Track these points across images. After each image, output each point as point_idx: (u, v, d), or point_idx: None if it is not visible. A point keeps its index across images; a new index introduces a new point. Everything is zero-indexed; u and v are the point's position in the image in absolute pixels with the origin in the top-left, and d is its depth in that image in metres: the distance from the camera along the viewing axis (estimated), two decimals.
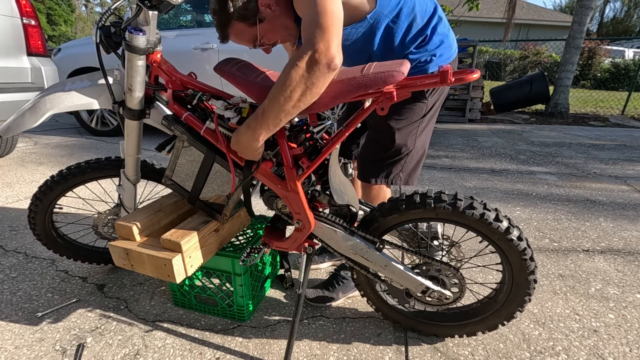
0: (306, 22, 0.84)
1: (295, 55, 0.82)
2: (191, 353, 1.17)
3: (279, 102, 0.84)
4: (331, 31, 0.80)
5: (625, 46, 15.63)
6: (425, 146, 1.26)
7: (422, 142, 1.23)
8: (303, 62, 0.80)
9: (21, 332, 1.24)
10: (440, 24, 1.08)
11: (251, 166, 1.00)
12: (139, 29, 0.94)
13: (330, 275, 1.48)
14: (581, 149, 4.12)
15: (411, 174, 1.25)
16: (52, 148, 3.64)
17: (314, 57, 0.79)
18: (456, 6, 5.81)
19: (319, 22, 0.80)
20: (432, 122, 1.23)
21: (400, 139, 1.17)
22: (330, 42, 0.79)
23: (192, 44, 3.53)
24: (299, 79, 0.81)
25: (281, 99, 0.84)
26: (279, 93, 0.83)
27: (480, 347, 1.20)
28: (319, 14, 0.80)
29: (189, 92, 1.08)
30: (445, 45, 1.10)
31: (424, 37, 1.06)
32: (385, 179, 1.22)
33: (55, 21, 29.72)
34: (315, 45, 0.79)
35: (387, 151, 1.20)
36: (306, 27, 0.83)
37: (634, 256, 1.80)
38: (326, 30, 0.80)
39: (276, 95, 0.84)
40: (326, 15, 0.80)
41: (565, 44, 6.35)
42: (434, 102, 1.18)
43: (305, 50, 0.80)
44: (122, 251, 1.08)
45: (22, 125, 1.14)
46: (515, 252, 1.01)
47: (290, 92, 0.82)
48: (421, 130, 1.20)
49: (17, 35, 2.51)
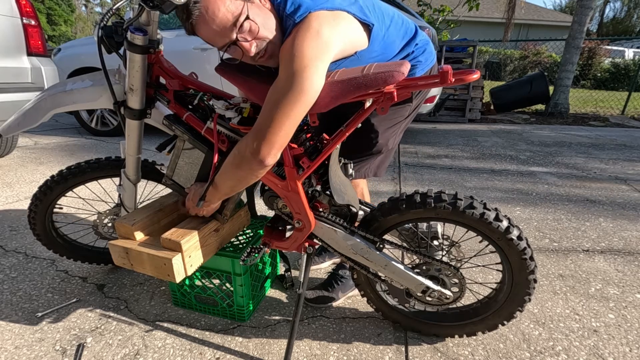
0: (265, 109, 0.84)
1: (242, 140, 0.89)
2: (191, 353, 1.17)
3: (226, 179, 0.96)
4: (277, 142, 0.84)
5: (625, 46, 15.62)
6: (397, 143, 1.30)
7: (397, 140, 1.27)
8: (243, 152, 0.88)
9: (21, 332, 1.24)
10: (422, 39, 1.09)
11: None
12: (140, 29, 0.94)
13: (329, 275, 1.48)
14: (581, 149, 4.12)
15: (380, 166, 1.29)
16: (52, 148, 3.64)
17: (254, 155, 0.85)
18: (456, 6, 5.81)
19: (272, 124, 0.82)
20: (409, 122, 1.28)
21: (382, 139, 1.19)
22: (272, 151, 0.84)
23: (193, 44, 3.53)
24: (237, 164, 0.90)
25: (228, 177, 0.95)
26: (226, 172, 0.95)
27: (480, 347, 1.20)
28: (277, 117, 0.81)
29: (190, 92, 1.08)
30: (427, 53, 1.11)
31: (408, 53, 1.06)
32: (358, 173, 1.25)
33: (55, 21, 29.72)
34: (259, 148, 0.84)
35: (367, 150, 1.21)
36: (260, 117, 0.84)
37: (634, 256, 1.80)
38: (272, 139, 0.83)
39: (222, 173, 0.96)
40: (282, 121, 0.82)
41: (565, 44, 6.35)
42: (417, 103, 1.21)
43: (249, 143, 0.85)
44: (121, 250, 1.08)
45: (23, 125, 1.14)
46: (515, 251, 1.01)
47: (233, 172, 0.93)
48: (401, 130, 1.24)
49: (17, 35, 2.50)
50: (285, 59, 0.82)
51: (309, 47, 0.80)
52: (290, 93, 0.79)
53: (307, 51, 0.79)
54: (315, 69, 0.80)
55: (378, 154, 1.23)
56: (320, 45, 0.81)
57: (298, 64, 0.79)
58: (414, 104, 1.19)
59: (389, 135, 1.20)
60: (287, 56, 0.81)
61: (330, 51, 0.83)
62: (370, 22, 0.92)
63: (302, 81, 0.79)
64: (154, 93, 1.10)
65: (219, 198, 1.05)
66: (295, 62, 0.79)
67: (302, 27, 0.82)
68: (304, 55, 0.79)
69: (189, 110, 1.06)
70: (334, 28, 0.84)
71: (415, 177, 3.00)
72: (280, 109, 0.80)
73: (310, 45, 0.80)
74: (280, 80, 0.82)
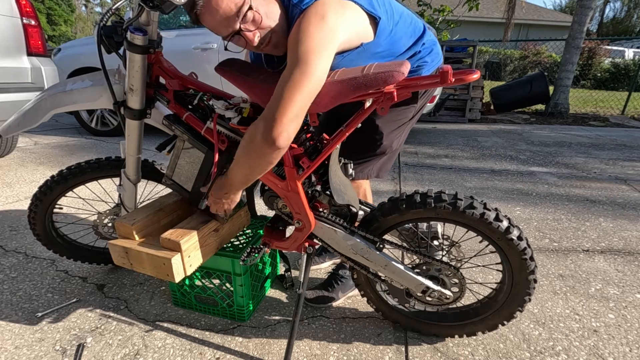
0: (277, 92, 0.81)
1: (253, 124, 0.85)
2: (191, 353, 1.17)
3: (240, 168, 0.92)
4: (288, 124, 0.80)
5: (625, 46, 15.62)
6: (402, 144, 1.30)
7: (401, 142, 1.27)
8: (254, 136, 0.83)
9: (21, 332, 1.24)
10: (429, 39, 1.10)
11: None
12: (140, 29, 0.94)
13: (329, 275, 1.48)
14: (581, 149, 4.12)
15: (382, 168, 1.29)
16: (52, 148, 3.64)
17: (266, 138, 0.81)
18: (456, 6, 5.81)
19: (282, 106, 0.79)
20: (414, 123, 1.27)
21: (387, 140, 1.19)
22: (284, 133, 0.80)
23: (193, 44, 3.53)
24: (250, 150, 0.86)
25: (242, 165, 0.91)
26: (239, 160, 0.91)
27: (480, 347, 1.20)
28: (287, 99, 0.79)
29: (190, 92, 1.08)
30: (434, 53, 1.12)
31: (415, 52, 1.06)
32: (361, 174, 1.25)
33: (55, 21, 29.71)
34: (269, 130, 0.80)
35: (371, 151, 1.21)
36: (272, 99, 0.81)
37: (634, 256, 1.80)
38: (283, 120, 0.79)
39: (237, 162, 0.92)
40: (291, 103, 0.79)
41: (565, 44, 6.35)
42: (422, 104, 1.20)
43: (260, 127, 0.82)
44: (121, 250, 1.08)
45: (23, 125, 1.14)
46: (515, 251, 1.01)
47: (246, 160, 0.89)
48: (406, 131, 1.24)
49: (17, 35, 2.50)
50: (292, 45, 0.82)
51: (315, 31, 0.80)
52: (297, 75, 0.79)
53: (313, 36, 0.80)
54: (321, 54, 0.80)
55: (382, 155, 1.23)
56: (326, 30, 0.81)
57: (304, 49, 0.79)
58: (419, 105, 1.19)
59: (394, 137, 1.21)
60: (293, 42, 0.81)
61: (335, 38, 0.83)
62: (377, 15, 0.93)
63: (308, 64, 0.79)
64: (153, 93, 1.10)
65: (237, 189, 1.01)
66: (301, 46, 0.79)
67: (308, 12, 0.83)
68: (310, 40, 0.79)
69: (188, 110, 1.06)
70: (341, 16, 0.84)
71: (415, 177, 3.00)
72: (288, 91, 0.79)
73: (316, 30, 0.80)
74: (288, 67, 0.82)
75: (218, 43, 3.48)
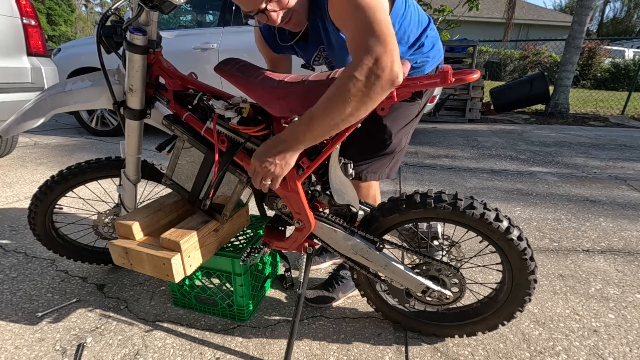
0: (358, 30, 0.75)
1: (352, 65, 0.76)
2: (191, 353, 1.17)
3: (330, 115, 0.79)
4: (391, 43, 0.73)
5: (625, 46, 15.62)
6: (407, 143, 1.32)
7: (407, 140, 1.29)
8: (363, 75, 0.74)
9: (21, 332, 1.24)
10: (432, 33, 1.13)
11: None
12: (140, 29, 0.94)
13: (330, 275, 1.48)
14: (581, 149, 4.12)
15: (392, 168, 1.31)
16: (52, 148, 3.64)
17: (376, 72, 0.73)
18: (456, 6, 5.80)
19: (375, 31, 0.73)
20: (418, 122, 1.29)
21: (396, 139, 1.22)
22: (394, 57, 0.73)
23: (192, 44, 3.53)
24: (356, 93, 0.75)
25: (335, 112, 0.78)
26: (332, 106, 0.78)
27: (480, 347, 1.20)
28: (373, 23, 0.73)
29: (190, 92, 1.08)
30: (436, 49, 1.15)
31: (420, 44, 1.09)
32: (374, 175, 1.27)
33: (55, 21, 29.73)
34: (377, 59, 0.73)
35: (381, 150, 1.23)
36: (359, 36, 0.75)
37: (634, 256, 1.80)
38: (386, 43, 0.73)
39: (328, 108, 0.79)
40: (381, 24, 0.73)
41: (565, 44, 6.36)
42: (425, 101, 1.24)
43: (365, 62, 0.73)
44: (121, 250, 1.08)
45: (23, 126, 1.14)
46: (515, 252, 1.01)
47: (345, 106, 0.77)
48: (412, 130, 1.27)
49: (17, 35, 2.51)
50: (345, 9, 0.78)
51: None
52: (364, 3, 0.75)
53: None
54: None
55: (392, 153, 1.26)
56: None
57: None
58: (423, 101, 1.22)
59: (402, 135, 1.23)
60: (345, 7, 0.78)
61: None
62: None
63: None
64: (153, 93, 1.10)
65: (303, 146, 0.87)
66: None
67: None
68: None
69: (188, 110, 1.06)
70: None
71: (415, 177, 3.00)
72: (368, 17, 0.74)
73: None
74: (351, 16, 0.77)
75: (217, 43, 3.48)
